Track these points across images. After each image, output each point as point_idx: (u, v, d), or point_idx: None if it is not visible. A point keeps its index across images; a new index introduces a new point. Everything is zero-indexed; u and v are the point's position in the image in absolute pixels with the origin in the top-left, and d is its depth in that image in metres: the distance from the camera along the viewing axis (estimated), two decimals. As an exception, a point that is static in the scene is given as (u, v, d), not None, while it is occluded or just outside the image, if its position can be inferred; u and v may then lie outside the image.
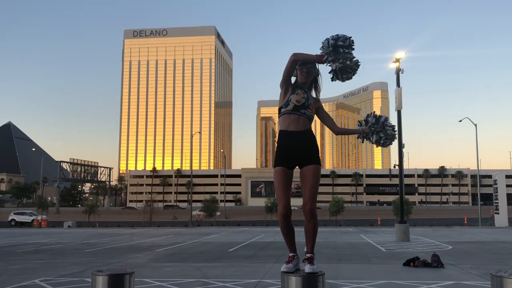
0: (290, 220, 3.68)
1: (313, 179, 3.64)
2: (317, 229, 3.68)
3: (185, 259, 13.33)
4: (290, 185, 3.71)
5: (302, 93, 3.81)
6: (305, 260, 3.48)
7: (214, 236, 24.91)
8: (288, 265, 3.44)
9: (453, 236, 23.66)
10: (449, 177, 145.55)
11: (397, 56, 21.40)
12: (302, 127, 3.75)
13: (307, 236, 3.65)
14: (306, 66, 3.80)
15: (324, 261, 12.39)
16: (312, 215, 3.58)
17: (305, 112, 3.75)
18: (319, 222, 3.78)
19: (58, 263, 12.52)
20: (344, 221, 42.35)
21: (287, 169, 3.70)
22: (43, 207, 48.85)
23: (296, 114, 3.74)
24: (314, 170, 3.66)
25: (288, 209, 3.62)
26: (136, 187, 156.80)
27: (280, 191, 3.65)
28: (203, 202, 44.60)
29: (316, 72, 3.89)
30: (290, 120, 3.75)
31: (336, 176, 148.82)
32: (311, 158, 3.70)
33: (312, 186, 3.62)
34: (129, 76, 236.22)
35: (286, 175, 3.69)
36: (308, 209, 3.56)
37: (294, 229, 3.74)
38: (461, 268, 10.65)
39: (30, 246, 18.74)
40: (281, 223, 3.68)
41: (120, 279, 3.33)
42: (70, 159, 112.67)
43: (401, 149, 20.54)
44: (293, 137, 3.72)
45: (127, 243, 20.23)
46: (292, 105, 3.75)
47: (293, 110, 3.74)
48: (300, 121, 3.74)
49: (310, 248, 3.60)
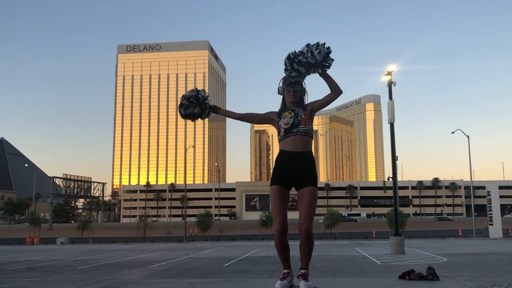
0: (286, 237, 3.69)
1: (309, 200, 3.65)
2: (312, 248, 3.69)
3: (180, 275, 13.21)
4: (286, 202, 3.73)
5: (289, 113, 3.85)
6: (300, 276, 3.48)
7: (209, 251, 24.76)
8: (283, 281, 3.44)
9: (448, 248, 23.66)
10: (443, 189, 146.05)
11: (389, 69, 21.58)
12: (301, 148, 3.75)
13: (302, 254, 3.66)
14: (293, 86, 3.86)
15: (318, 275, 12.33)
16: (308, 235, 3.59)
17: (298, 130, 3.77)
18: (314, 235, 3.79)
19: (51, 281, 12.37)
20: (339, 234, 42.29)
21: (283, 188, 3.72)
22: (35, 224, 48.35)
23: (290, 136, 3.77)
24: (311, 192, 3.68)
25: (284, 226, 3.63)
26: (129, 202, 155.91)
27: (276, 208, 3.66)
28: (197, 217, 44.38)
29: (303, 91, 3.94)
30: (287, 142, 3.79)
31: (331, 188, 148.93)
32: (308, 181, 3.71)
33: (309, 208, 3.63)
34: (122, 91, 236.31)
35: (282, 193, 3.70)
36: (304, 230, 3.57)
37: (289, 246, 3.75)
38: (457, 281, 10.62)
39: (22, 264, 18.51)
40: (277, 240, 3.68)
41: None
42: (63, 174, 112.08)
43: (394, 161, 20.61)
44: (291, 158, 3.73)
45: (120, 259, 20.04)
46: (283, 130, 3.81)
47: (286, 134, 3.78)
48: (297, 141, 3.75)
49: (304, 264, 3.60)
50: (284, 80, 3.93)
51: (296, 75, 3.74)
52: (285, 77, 3.94)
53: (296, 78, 3.81)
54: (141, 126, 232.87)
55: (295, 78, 3.79)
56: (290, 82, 3.87)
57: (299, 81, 3.90)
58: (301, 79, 3.85)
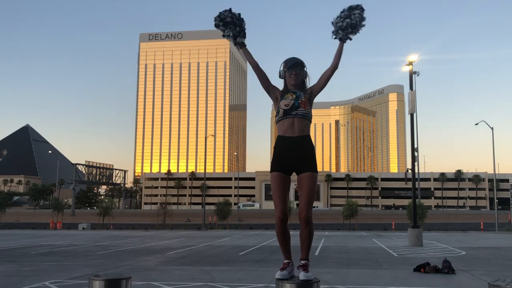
0: (286, 225, 3.69)
1: (309, 186, 3.63)
2: (312, 236, 3.68)
3: (195, 263, 13.36)
4: (287, 190, 3.71)
5: (290, 95, 3.81)
6: (300, 267, 3.48)
7: (226, 239, 24.95)
8: (282, 272, 3.44)
9: (467, 241, 23.34)
10: (466, 181, 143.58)
11: (410, 59, 21.21)
12: (298, 132, 3.72)
13: (302, 243, 3.65)
14: (294, 69, 3.82)
15: (333, 266, 12.33)
16: (308, 222, 3.57)
17: (297, 112, 3.73)
18: (332, 226, 3.79)
19: (70, 265, 12.67)
20: (358, 225, 42.07)
21: (284, 174, 3.70)
22: (58, 209, 49.43)
23: (288, 118, 3.73)
24: (309, 177, 3.65)
25: (285, 214, 3.62)
26: (151, 190, 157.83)
27: (277, 196, 3.65)
28: (216, 205, 44.68)
29: (304, 74, 3.90)
30: (285, 125, 3.75)
31: (351, 179, 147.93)
32: (307, 166, 3.68)
33: (308, 194, 3.61)
34: (144, 79, 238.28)
35: (282, 180, 3.69)
36: (304, 217, 3.56)
37: (290, 235, 3.75)
38: (472, 275, 10.49)
39: (44, 248, 18.99)
40: (278, 228, 3.68)
41: (117, 284, 3.36)
42: (86, 161, 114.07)
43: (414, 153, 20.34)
44: (289, 143, 3.71)
45: (139, 245, 20.37)
46: (282, 110, 3.76)
47: (284, 115, 3.74)
48: (295, 125, 3.72)
49: (305, 255, 3.59)
50: (285, 63, 3.91)
51: (344, 25, 3.82)
52: (286, 60, 3.92)
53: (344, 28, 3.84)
54: (163, 115, 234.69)
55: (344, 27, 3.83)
56: (291, 65, 3.85)
57: (301, 63, 3.87)
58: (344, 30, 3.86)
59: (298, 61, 3.87)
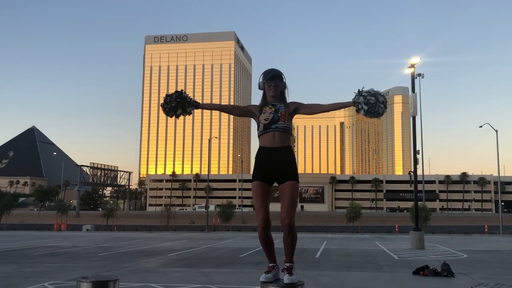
0: (269, 232, 3.74)
1: (289, 195, 3.68)
2: (295, 241, 3.72)
3: (195, 264, 13.40)
4: (268, 198, 3.75)
5: (269, 109, 3.83)
6: (284, 270, 3.51)
7: (228, 241, 24.98)
8: (267, 275, 3.48)
9: (470, 244, 23.26)
10: (472, 184, 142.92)
11: (412, 61, 21.19)
12: (278, 144, 3.75)
13: (286, 248, 3.70)
14: (273, 80, 3.84)
15: (332, 269, 12.33)
16: (291, 229, 3.64)
17: (276, 126, 3.76)
18: (336, 229, 3.83)
19: (70, 267, 12.74)
20: (361, 227, 41.95)
21: (264, 183, 3.73)
22: (62, 211, 49.64)
23: (269, 132, 3.76)
24: (291, 186, 3.70)
25: (266, 221, 3.67)
26: (155, 191, 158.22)
27: (258, 204, 3.69)
28: (219, 207, 44.75)
29: (283, 86, 3.91)
30: (265, 138, 3.79)
31: (356, 182, 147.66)
32: (288, 175, 3.73)
33: (289, 202, 3.65)
34: (149, 81, 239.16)
35: (263, 189, 3.73)
36: (286, 225, 3.62)
37: (273, 241, 3.80)
38: (472, 278, 10.47)
39: (46, 249, 19.09)
40: (260, 235, 3.73)
41: (104, 286, 3.40)
42: (90, 163, 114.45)
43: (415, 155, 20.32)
44: (270, 153, 3.75)
45: (141, 247, 20.43)
46: (262, 125, 3.80)
47: (265, 129, 3.77)
48: (275, 137, 3.75)
49: (289, 258, 3.63)
50: (264, 74, 3.93)
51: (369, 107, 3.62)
52: (265, 72, 3.94)
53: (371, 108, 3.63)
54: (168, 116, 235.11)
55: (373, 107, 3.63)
56: (270, 77, 3.86)
57: (279, 74, 3.88)
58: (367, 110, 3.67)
59: (277, 72, 3.89)
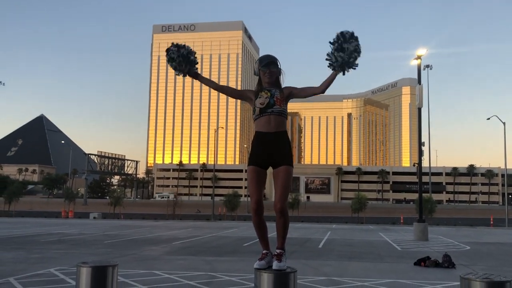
0: (262, 216, 3.81)
1: (283, 179, 3.74)
2: (287, 226, 3.80)
3: (199, 253, 13.57)
4: (262, 182, 3.83)
5: (265, 93, 3.89)
6: (274, 256, 3.60)
7: (233, 231, 25.17)
8: (260, 262, 3.57)
9: (474, 236, 23.27)
10: (479, 176, 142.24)
11: (418, 53, 21.09)
12: (274, 128, 3.82)
13: (278, 232, 3.78)
14: (269, 67, 3.91)
15: (335, 259, 12.44)
16: (283, 213, 3.70)
17: (272, 110, 3.82)
18: (341, 219, 3.89)
19: (76, 254, 12.95)
20: (366, 218, 41.99)
21: (259, 168, 3.81)
22: (70, 198, 50.14)
23: (264, 116, 3.83)
24: (285, 171, 3.76)
25: (259, 205, 3.74)
26: (162, 180, 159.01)
27: (252, 188, 3.77)
28: (225, 197, 44.98)
29: (279, 72, 3.98)
30: (261, 122, 3.85)
31: (362, 173, 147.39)
32: (282, 159, 3.79)
33: (283, 187, 3.72)
34: (157, 71, 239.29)
35: (258, 174, 3.80)
36: (279, 208, 3.68)
37: (266, 225, 3.87)
38: (472, 269, 10.54)
39: (53, 236, 19.36)
40: (253, 219, 3.82)
41: (103, 271, 3.51)
42: (98, 151, 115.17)
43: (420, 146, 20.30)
44: (265, 138, 3.82)
45: (146, 235, 20.66)
46: (258, 109, 3.85)
47: (260, 113, 3.83)
48: (271, 121, 3.81)
49: (280, 244, 3.72)
50: (259, 61, 3.99)
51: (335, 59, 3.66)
52: (261, 58, 4.00)
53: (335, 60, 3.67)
54: (175, 106, 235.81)
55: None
56: (266, 63, 3.92)
57: (274, 61, 3.94)
58: (334, 62, 3.70)
59: (272, 59, 3.96)
